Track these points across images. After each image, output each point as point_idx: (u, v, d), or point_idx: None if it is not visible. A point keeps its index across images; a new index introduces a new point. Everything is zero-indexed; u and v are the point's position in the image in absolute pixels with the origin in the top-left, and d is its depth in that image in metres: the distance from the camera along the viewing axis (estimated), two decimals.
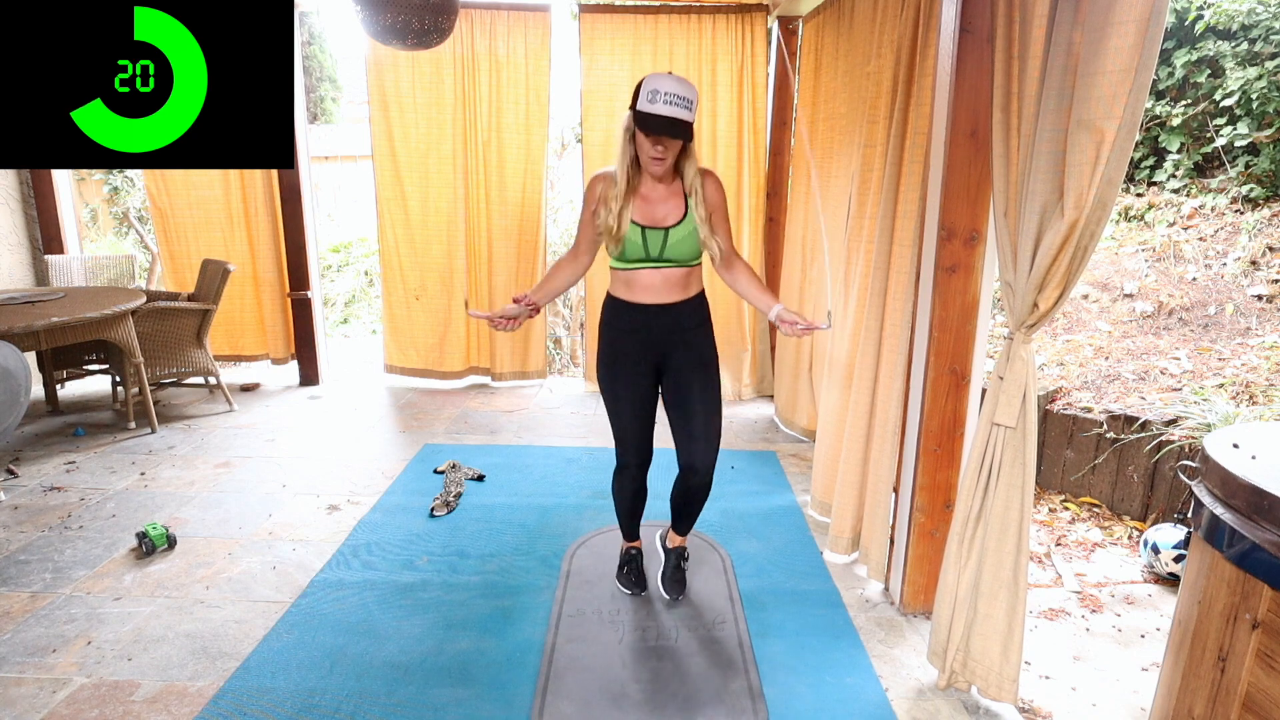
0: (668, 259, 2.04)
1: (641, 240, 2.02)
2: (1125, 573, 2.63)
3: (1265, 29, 4.37)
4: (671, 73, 1.90)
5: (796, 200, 3.73)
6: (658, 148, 1.92)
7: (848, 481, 2.61)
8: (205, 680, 1.99)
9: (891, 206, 2.38)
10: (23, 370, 2.83)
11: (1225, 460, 1.35)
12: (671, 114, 1.84)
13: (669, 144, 1.92)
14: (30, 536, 2.75)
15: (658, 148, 1.92)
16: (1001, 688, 1.86)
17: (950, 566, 1.91)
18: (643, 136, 1.92)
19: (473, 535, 2.80)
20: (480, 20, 4.20)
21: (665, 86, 1.84)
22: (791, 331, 1.94)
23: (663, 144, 1.91)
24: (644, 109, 1.87)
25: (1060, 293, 1.61)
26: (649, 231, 2.01)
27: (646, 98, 1.86)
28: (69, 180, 4.78)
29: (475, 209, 4.47)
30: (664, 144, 1.91)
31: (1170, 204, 4.42)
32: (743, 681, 2.00)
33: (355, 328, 7.42)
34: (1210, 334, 3.55)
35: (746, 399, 4.54)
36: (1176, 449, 2.79)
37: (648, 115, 1.86)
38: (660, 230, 2.02)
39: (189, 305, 3.96)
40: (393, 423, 4.10)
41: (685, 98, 1.85)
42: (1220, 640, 1.33)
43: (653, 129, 1.86)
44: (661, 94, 1.84)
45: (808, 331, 1.94)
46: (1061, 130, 1.52)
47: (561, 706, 1.90)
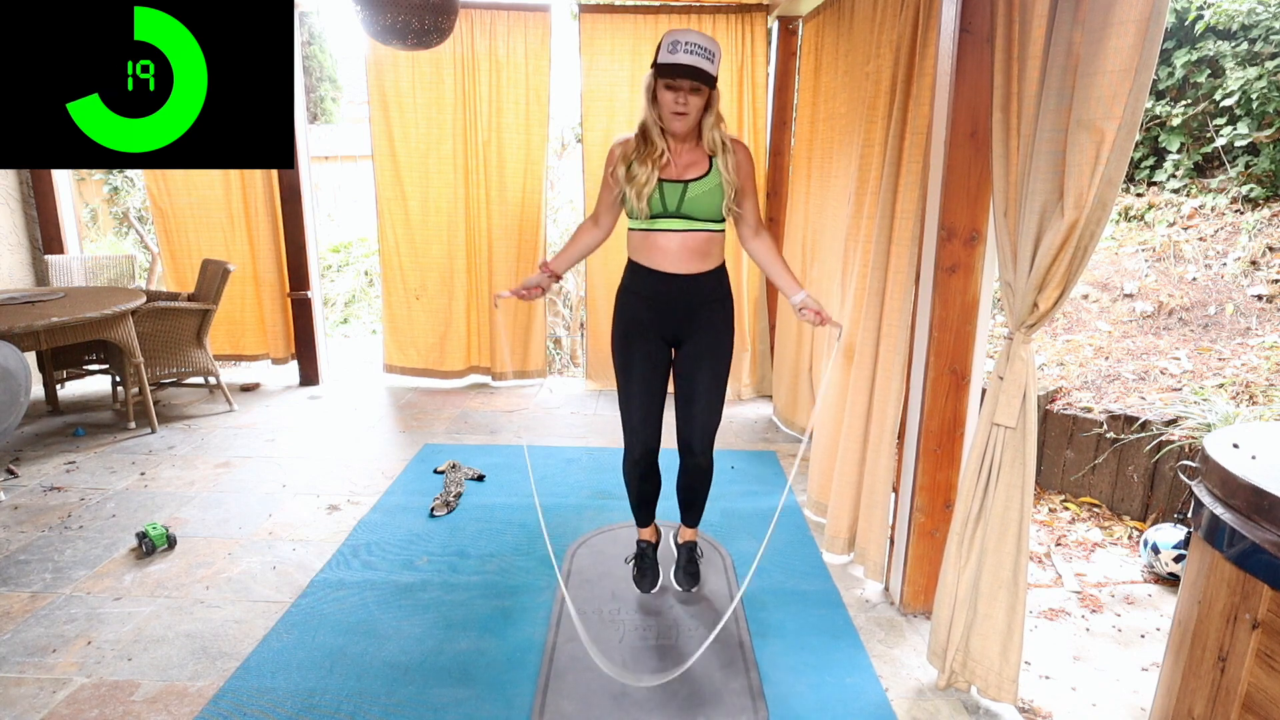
0: (685, 214, 1.99)
1: (659, 194, 1.97)
2: (1125, 573, 2.63)
3: (1265, 29, 4.37)
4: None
5: (796, 200, 3.73)
6: (679, 100, 1.88)
7: (844, 482, 2.60)
8: (205, 680, 1.99)
9: (890, 206, 2.38)
10: (23, 370, 2.83)
11: (1225, 460, 1.35)
12: (690, 61, 1.82)
13: (690, 97, 1.89)
14: (30, 536, 2.75)
15: (679, 100, 1.88)
16: (1001, 688, 1.86)
17: (950, 566, 1.91)
18: (663, 91, 1.89)
19: (473, 535, 2.80)
20: (480, 20, 4.20)
21: (686, 37, 1.83)
22: (812, 319, 1.95)
23: (684, 96, 1.88)
24: (663, 60, 1.85)
25: (1060, 293, 1.61)
26: (667, 185, 1.97)
27: (667, 49, 1.85)
28: (69, 180, 4.78)
29: (475, 209, 4.47)
30: (685, 96, 1.88)
31: (1170, 204, 4.42)
32: (743, 680, 2.00)
33: (355, 328, 7.42)
34: (1210, 334, 3.55)
35: (746, 399, 4.54)
36: (1176, 449, 2.79)
37: (667, 64, 1.84)
38: (679, 183, 1.97)
39: (189, 305, 3.96)
40: (393, 423, 4.10)
41: (706, 48, 1.84)
42: (1220, 640, 1.33)
43: (670, 73, 1.84)
44: (682, 44, 1.83)
45: (824, 322, 1.95)
46: (1061, 130, 1.52)
47: (562, 705, 1.90)
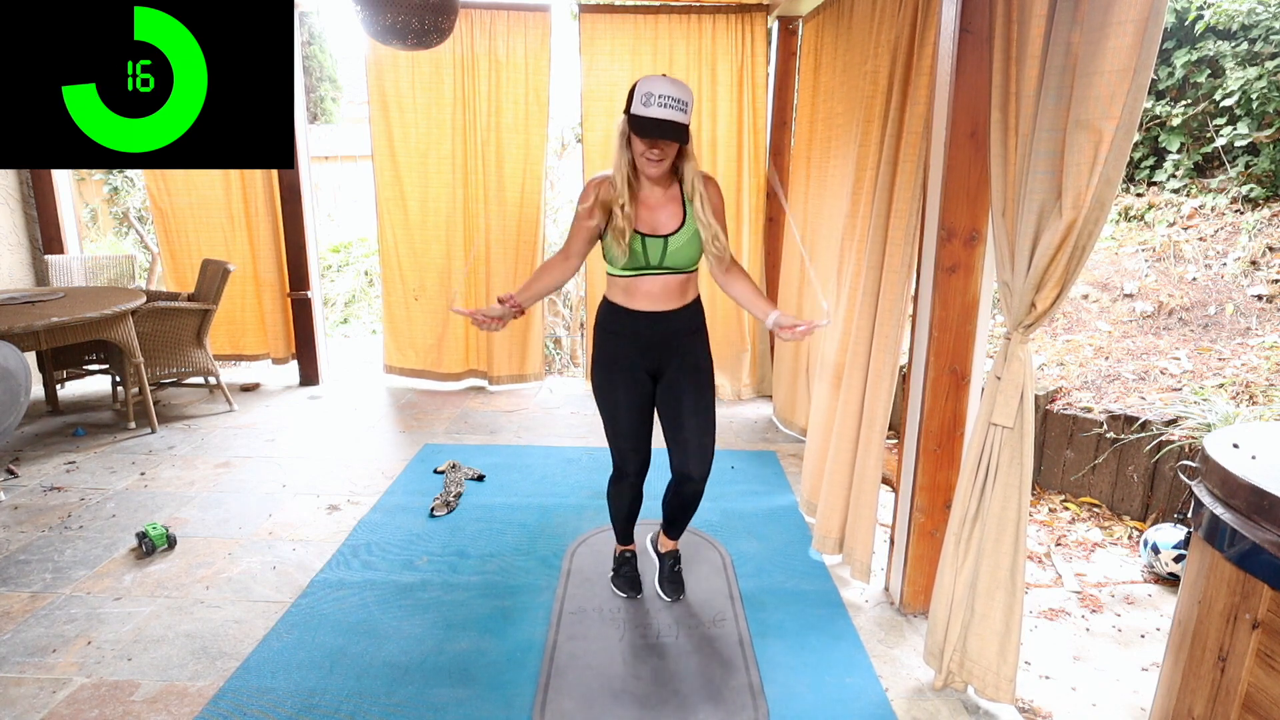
0: (668, 267, 2.02)
1: (641, 249, 1.99)
2: (1125, 573, 2.63)
3: (1265, 29, 4.37)
4: (665, 75, 1.89)
5: (796, 200, 3.73)
6: (654, 150, 1.90)
7: (835, 482, 2.59)
8: (205, 680, 2.00)
9: (886, 205, 2.38)
10: (23, 370, 2.83)
11: (1225, 460, 1.35)
12: (666, 116, 1.83)
13: (665, 147, 1.91)
14: (30, 536, 2.75)
15: (654, 150, 1.90)
16: (999, 688, 1.86)
17: (947, 566, 1.91)
18: (638, 140, 1.90)
19: (473, 535, 2.80)
20: (480, 20, 4.20)
21: (659, 89, 1.82)
22: (791, 336, 1.90)
23: (659, 147, 1.90)
24: (638, 113, 1.85)
25: (1058, 293, 1.61)
26: (648, 240, 1.99)
27: (641, 101, 1.85)
28: (69, 180, 4.78)
29: (475, 209, 4.47)
30: (660, 147, 1.90)
31: (1170, 204, 4.41)
32: (743, 678, 2.00)
33: (355, 328, 7.42)
34: (1210, 334, 3.55)
35: (746, 399, 4.54)
36: (1176, 449, 2.79)
37: (642, 119, 1.84)
38: (659, 239, 1.99)
39: (189, 305, 3.96)
40: (393, 423, 4.10)
41: (680, 99, 1.84)
42: (1220, 640, 1.33)
43: (648, 132, 1.84)
44: (655, 96, 1.82)
45: (807, 334, 1.92)
46: (1059, 130, 1.52)
47: (563, 703, 1.90)
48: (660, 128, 1.83)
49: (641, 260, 2.01)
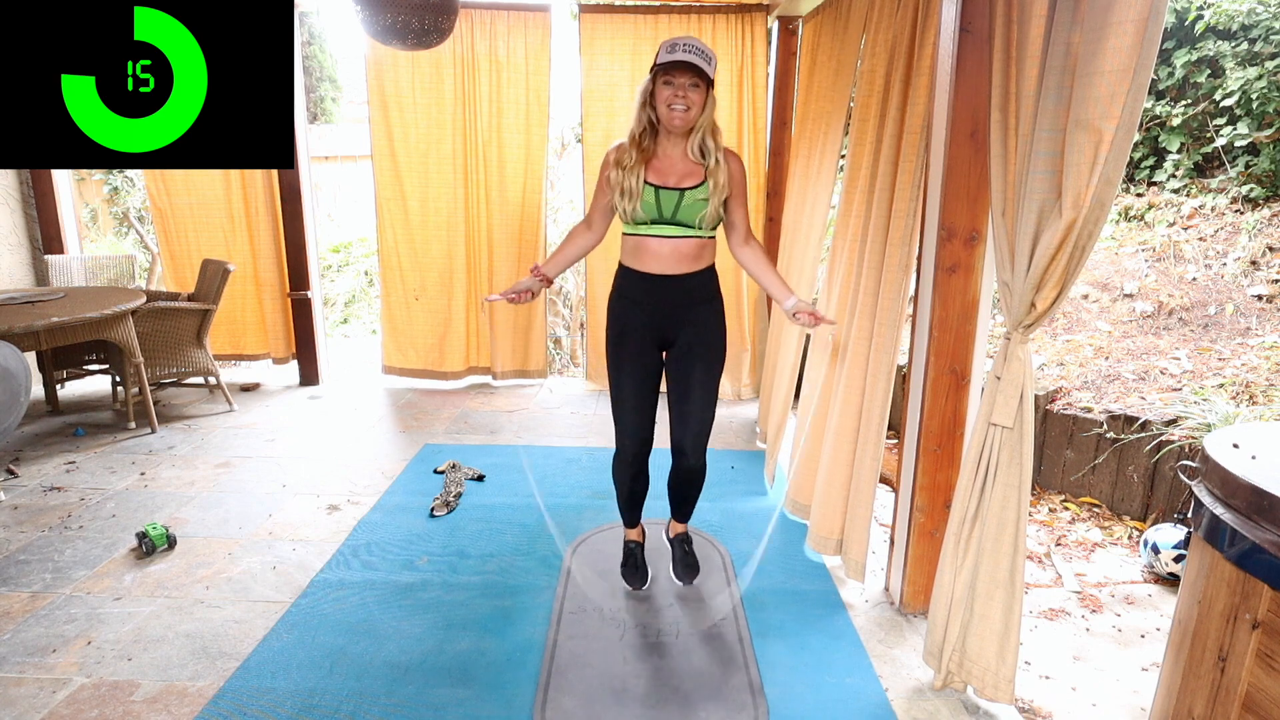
0: (679, 220, 2.03)
1: (655, 200, 2.01)
2: (1125, 573, 2.63)
3: (1265, 29, 4.37)
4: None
5: (791, 200, 3.72)
6: (678, 95, 1.94)
7: (832, 482, 2.58)
8: (205, 680, 2.00)
9: (886, 205, 2.38)
10: (23, 370, 2.83)
11: (1225, 460, 1.35)
12: (690, 58, 1.91)
13: (689, 92, 1.95)
14: (30, 536, 2.75)
15: (678, 95, 1.94)
16: (998, 688, 1.85)
17: (946, 566, 1.91)
18: (662, 88, 1.96)
19: (473, 535, 2.80)
20: (480, 20, 4.20)
21: (683, 39, 1.94)
22: (808, 322, 1.97)
23: (683, 91, 1.94)
24: (663, 60, 1.94)
25: (1058, 293, 1.61)
26: (663, 191, 2.02)
27: (665, 50, 1.94)
28: (69, 180, 4.78)
29: (475, 209, 4.47)
30: (684, 91, 1.94)
31: (1170, 204, 4.41)
32: (743, 677, 2.00)
33: (355, 328, 7.42)
34: (1210, 334, 3.55)
35: (746, 399, 4.54)
36: (1176, 449, 2.79)
37: (666, 62, 1.93)
38: (675, 190, 2.02)
39: (189, 305, 3.96)
40: (393, 423, 4.10)
41: (703, 50, 1.94)
42: (1220, 640, 1.33)
43: (674, 67, 1.92)
44: (680, 45, 1.92)
45: (820, 321, 1.98)
46: (1059, 130, 1.52)
47: (563, 702, 1.90)
48: (686, 66, 1.91)
49: (655, 212, 2.03)
